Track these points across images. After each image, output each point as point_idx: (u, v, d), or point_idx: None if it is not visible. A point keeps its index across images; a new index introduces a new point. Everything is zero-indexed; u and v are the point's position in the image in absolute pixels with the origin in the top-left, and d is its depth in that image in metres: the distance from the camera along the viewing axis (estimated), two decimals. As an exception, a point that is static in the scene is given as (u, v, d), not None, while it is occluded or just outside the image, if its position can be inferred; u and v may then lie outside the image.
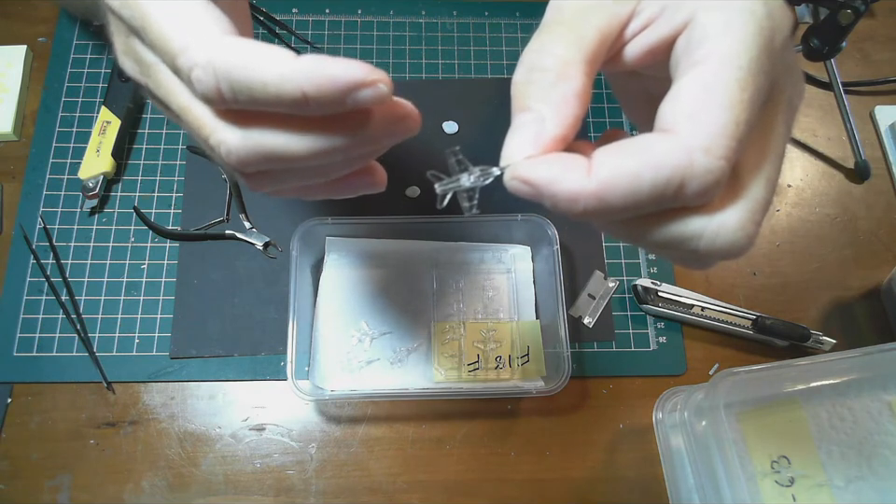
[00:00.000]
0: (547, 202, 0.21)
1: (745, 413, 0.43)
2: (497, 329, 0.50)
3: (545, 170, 0.20)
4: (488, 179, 0.23)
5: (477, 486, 0.47)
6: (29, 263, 0.51)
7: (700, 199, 0.20)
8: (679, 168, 0.19)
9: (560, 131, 0.21)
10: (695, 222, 0.20)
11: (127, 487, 0.46)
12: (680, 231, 0.21)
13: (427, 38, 0.60)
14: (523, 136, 0.21)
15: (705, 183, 0.19)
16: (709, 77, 0.19)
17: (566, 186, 0.20)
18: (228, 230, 0.52)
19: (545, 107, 0.21)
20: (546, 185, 0.20)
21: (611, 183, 0.19)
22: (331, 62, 0.20)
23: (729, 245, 0.20)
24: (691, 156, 0.19)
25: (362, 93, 0.20)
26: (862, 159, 0.57)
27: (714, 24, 0.20)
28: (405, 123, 0.23)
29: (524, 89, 0.22)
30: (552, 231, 0.48)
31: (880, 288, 0.54)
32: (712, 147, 0.19)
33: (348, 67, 0.20)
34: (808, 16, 0.64)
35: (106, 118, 0.53)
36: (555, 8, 0.22)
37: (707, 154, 0.19)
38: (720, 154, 0.19)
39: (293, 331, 0.45)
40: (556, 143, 0.21)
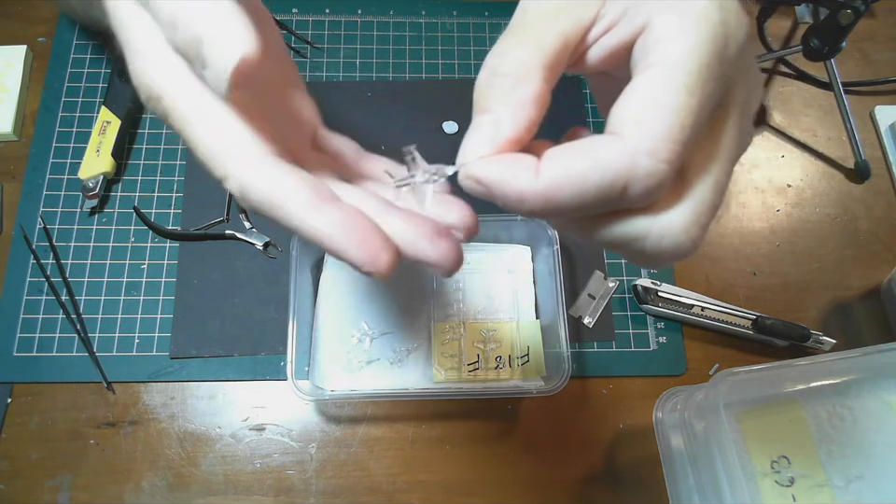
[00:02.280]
0: (498, 201, 0.21)
1: (745, 412, 0.43)
2: (497, 329, 0.50)
3: (495, 169, 0.21)
4: (442, 178, 0.23)
5: (477, 486, 0.47)
6: (29, 263, 0.51)
7: (643, 200, 0.20)
8: (622, 170, 0.19)
9: (515, 133, 0.21)
10: (641, 223, 0.21)
11: (127, 487, 0.46)
12: (626, 232, 0.21)
13: (427, 38, 0.60)
14: (479, 137, 0.22)
15: (647, 185, 0.19)
16: (658, 82, 0.20)
17: (514, 185, 0.20)
18: (228, 230, 0.52)
19: (502, 110, 0.22)
20: (496, 184, 0.21)
21: (557, 184, 0.20)
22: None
23: (674, 246, 0.21)
24: (634, 159, 0.19)
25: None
26: (862, 159, 0.57)
27: (668, 29, 0.20)
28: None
29: (485, 91, 0.22)
30: (552, 231, 0.48)
31: (880, 288, 0.54)
32: (656, 151, 0.19)
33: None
34: (808, 16, 0.64)
35: (106, 118, 0.53)
36: (521, 11, 0.23)
37: (650, 157, 0.19)
38: (663, 158, 0.19)
39: (293, 331, 0.45)
40: (511, 144, 0.21)
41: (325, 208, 0.21)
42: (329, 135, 0.29)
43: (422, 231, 0.23)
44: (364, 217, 0.22)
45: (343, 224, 0.21)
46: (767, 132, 0.60)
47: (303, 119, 0.28)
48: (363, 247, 0.21)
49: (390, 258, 0.22)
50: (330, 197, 0.22)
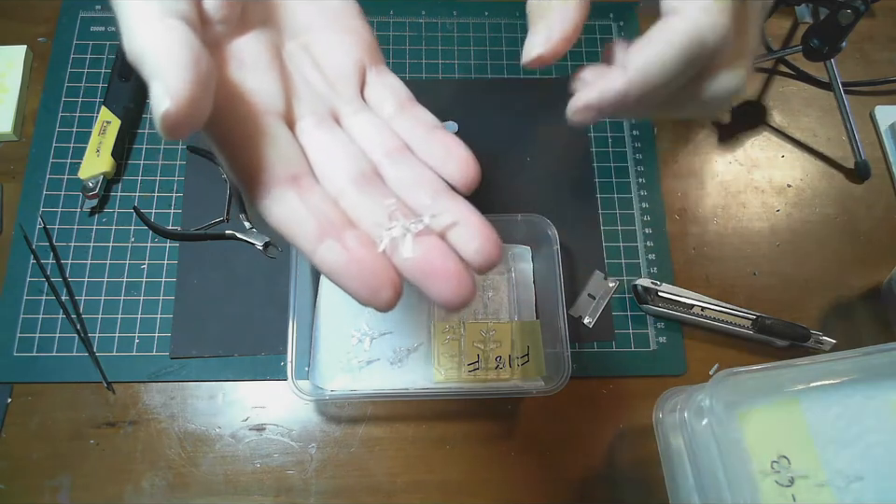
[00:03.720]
0: (608, 110, 0.27)
1: (745, 413, 0.43)
2: (496, 329, 0.50)
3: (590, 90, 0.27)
4: (421, 226, 0.23)
5: (477, 486, 0.47)
6: (29, 263, 0.51)
7: (721, 47, 0.26)
8: (695, 31, 0.25)
9: (564, 34, 0.27)
10: (724, 77, 0.28)
11: (127, 487, 0.46)
12: (719, 85, 0.28)
13: (427, 38, 0.60)
14: (536, 38, 0.27)
15: (722, 31, 0.25)
16: None
17: (613, 86, 0.26)
18: (228, 230, 0.52)
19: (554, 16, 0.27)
20: (600, 97, 0.27)
21: (646, 66, 0.26)
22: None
23: (742, 84, 0.28)
24: (700, 20, 0.25)
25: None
26: (862, 159, 0.57)
27: None
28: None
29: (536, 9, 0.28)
30: (552, 231, 0.48)
31: (880, 288, 0.54)
32: (710, 9, 0.25)
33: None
34: (808, 16, 0.64)
35: (106, 118, 0.53)
36: None
37: (708, 14, 0.25)
38: (717, 11, 0.25)
39: (293, 331, 0.45)
40: (562, 43, 0.27)
41: (328, 245, 0.23)
42: (378, 76, 0.29)
43: (433, 267, 0.23)
44: (370, 250, 0.23)
45: (345, 262, 0.23)
46: (767, 132, 0.60)
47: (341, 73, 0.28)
48: (364, 285, 0.23)
49: (391, 295, 0.23)
50: (339, 229, 0.23)
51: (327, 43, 0.28)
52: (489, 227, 0.24)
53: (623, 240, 0.54)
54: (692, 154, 0.58)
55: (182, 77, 0.20)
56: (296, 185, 0.24)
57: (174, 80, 0.20)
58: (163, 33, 0.21)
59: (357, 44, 0.28)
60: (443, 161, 0.26)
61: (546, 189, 0.56)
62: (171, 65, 0.20)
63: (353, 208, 0.25)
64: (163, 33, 0.21)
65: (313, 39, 0.28)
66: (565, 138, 0.58)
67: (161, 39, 0.21)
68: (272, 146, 0.24)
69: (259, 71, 0.26)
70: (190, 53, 0.21)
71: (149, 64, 0.21)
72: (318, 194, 0.24)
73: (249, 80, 0.25)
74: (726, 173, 0.58)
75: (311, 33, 0.28)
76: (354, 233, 0.23)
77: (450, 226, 0.24)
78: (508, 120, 0.58)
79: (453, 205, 0.25)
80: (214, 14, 0.24)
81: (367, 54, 0.28)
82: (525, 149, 0.57)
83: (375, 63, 0.29)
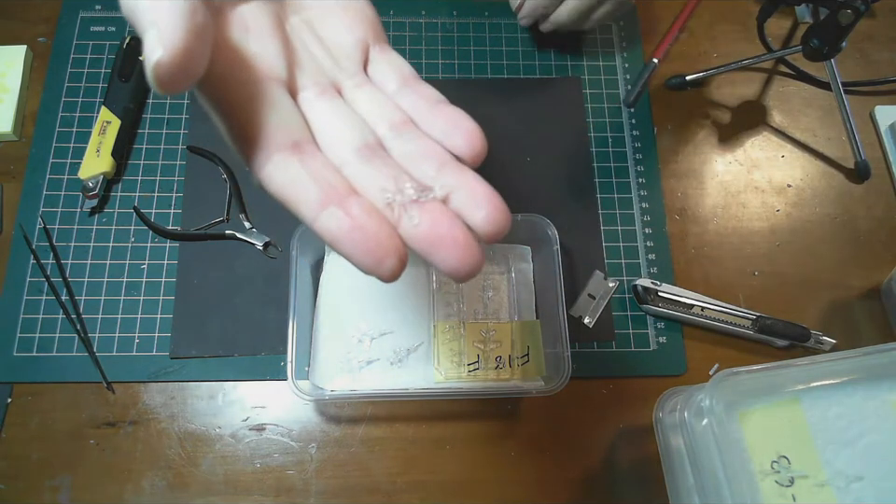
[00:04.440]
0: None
1: (745, 413, 0.43)
2: (496, 329, 0.50)
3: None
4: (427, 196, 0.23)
5: (477, 486, 0.47)
6: (29, 263, 0.51)
7: None
8: None
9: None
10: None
11: (127, 487, 0.46)
12: None
13: (427, 38, 0.60)
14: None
15: None
16: None
17: None
18: (228, 230, 0.52)
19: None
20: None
21: None
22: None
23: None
24: None
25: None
26: (862, 159, 0.57)
27: None
28: None
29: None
30: (552, 231, 0.48)
31: (880, 288, 0.54)
32: None
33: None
34: (808, 16, 0.64)
35: (106, 118, 0.53)
36: None
37: None
38: None
39: (293, 331, 0.45)
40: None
41: (331, 210, 0.22)
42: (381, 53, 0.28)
43: (441, 235, 0.22)
44: (374, 218, 0.22)
45: (348, 229, 0.22)
46: (767, 132, 0.60)
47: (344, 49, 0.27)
48: (368, 253, 0.22)
49: (395, 264, 0.22)
50: (343, 196, 0.23)
51: (330, 19, 0.28)
52: (496, 195, 0.24)
53: (623, 240, 0.54)
54: (692, 154, 0.58)
55: (177, 24, 0.19)
56: (298, 151, 0.23)
57: (167, 28, 0.19)
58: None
59: (360, 21, 0.28)
60: (449, 134, 0.26)
61: (546, 189, 0.56)
62: (165, 13, 0.19)
63: (356, 178, 0.24)
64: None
65: (316, 15, 0.28)
66: (565, 138, 0.58)
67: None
68: (273, 111, 0.23)
69: (262, 37, 0.25)
70: (186, 5, 0.20)
71: (143, 14, 0.20)
72: (321, 161, 0.24)
73: (252, 45, 0.25)
74: (726, 173, 0.58)
75: (314, 8, 0.28)
76: (357, 200, 0.23)
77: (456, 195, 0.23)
78: (508, 120, 0.58)
79: (459, 175, 0.24)
80: None
81: (370, 32, 0.28)
82: (524, 149, 0.57)
83: (378, 41, 0.29)
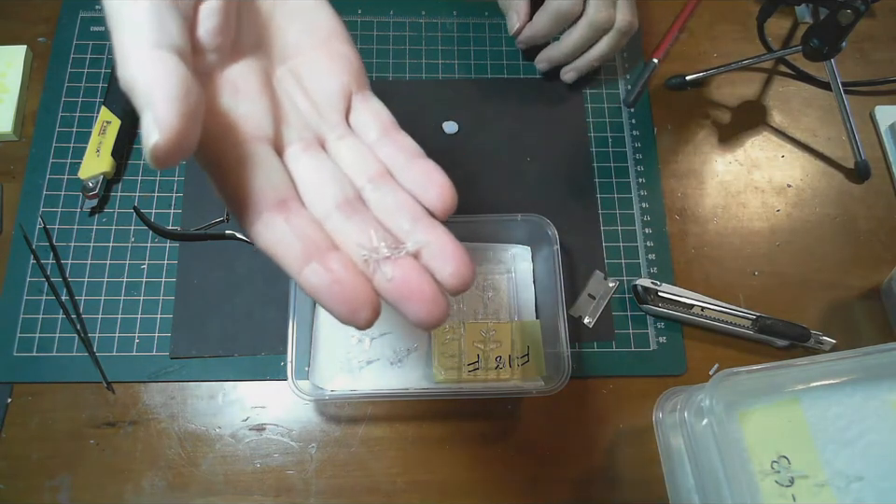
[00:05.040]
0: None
1: (745, 413, 0.43)
2: (496, 329, 0.50)
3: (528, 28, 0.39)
4: (401, 253, 0.25)
5: (477, 486, 0.47)
6: (29, 263, 0.51)
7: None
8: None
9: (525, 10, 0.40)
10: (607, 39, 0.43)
11: (127, 487, 0.46)
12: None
13: (427, 38, 0.60)
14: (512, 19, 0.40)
15: None
16: None
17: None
18: (228, 230, 0.52)
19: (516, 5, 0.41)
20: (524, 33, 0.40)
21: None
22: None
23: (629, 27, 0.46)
24: None
25: None
26: (862, 159, 0.57)
27: None
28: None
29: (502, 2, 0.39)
30: (552, 231, 0.48)
31: (880, 288, 0.54)
32: None
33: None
34: (808, 16, 0.64)
35: (106, 118, 0.53)
36: None
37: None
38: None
39: (293, 331, 0.45)
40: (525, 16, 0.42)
41: (312, 268, 0.24)
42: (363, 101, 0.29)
43: (410, 290, 0.24)
44: (350, 272, 0.24)
45: (328, 284, 0.24)
46: (767, 132, 0.60)
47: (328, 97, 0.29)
48: (345, 305, 0.24)
49: (370, 315, 0.24)
50: (323, 251, 0.25)
51: (315, 67, 0.29)
52: (463, 251, 0.26)
53: (623, 240, 0.54)
54: (692, 154, 0.58)
55: (171, 109, 0.21)
56: (283, 209, 0.25)
57: (162, 113, 0.21)
58: (155, 64, 0.21)
59: (344, 69, 0.29)
60: (423, 188, 0.27)
61: (546, 189, 0.56)
62: (161, 98, 0.21)
63: (337, 232, 0.26)
64: (155, 64, 0.21)
65: (301, 62, 0.29)
66: (565, 138, 0.58)
67: (153, 71, 0.21)
68: (261, 172, 0.25)
69: (250, 98, 0.26)
70: (180, 86, 0.21)
71: (140, 95, 0.21)
72: (304, 218, 0.25)
73: (241, 107, 0.26)
74: (726, 173, 0.58)
75: (300, 56, 0.29)
76: (337, 256, 0.25)
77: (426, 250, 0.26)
78: (508, 120, 0.58)
79: (431, 231, 0.26)
80: (208, 44, 0.25)
81: (353, 79, 0.29)
82: (524, 149, 0.57)
83: (361, 88, 0.29)
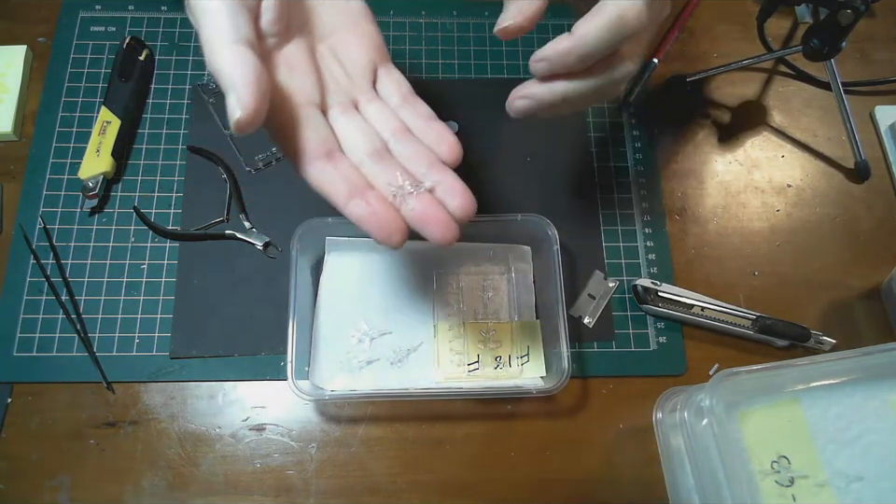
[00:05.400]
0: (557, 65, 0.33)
1: (745, 413, 0.43)
2: (497, 329, 0.50)
3: (546, 49, 0.33)
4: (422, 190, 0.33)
5: (477, 486, 0.47)
6: (29, 263, 0.51)
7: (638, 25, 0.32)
8: (621, 10, 0.31)
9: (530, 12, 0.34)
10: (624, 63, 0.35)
11: (127, 487, 0.46)
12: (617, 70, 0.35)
13: (427, 38, 0.60)
14: (508, 13, 0.34)
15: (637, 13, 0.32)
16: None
17: (561, 45, 0.33)
18: (228, 230, 0.52)
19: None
20: (551, 53, 0.33)
21: (585, 31, 0.32)
22: None
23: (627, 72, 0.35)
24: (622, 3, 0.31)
25: None
26: (862, 159, 0.57)
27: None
28: None
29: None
30: (552, 231, 0.48)
31: (880, 288, 0.54)
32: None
33: None
34: (808, 16, 0.64)
35: (106, 118, 0.53)
36: None
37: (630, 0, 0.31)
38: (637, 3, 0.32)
39: (293, 331, 0.45)
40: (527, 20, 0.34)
41: (356, 202, 0.32)
42: (387, 73, 0.37)
43: (429, 217, 0.32)
44: (384, 205, 0.32)
45: (368, 214, 0.31)
46: (767, 132, 0.60)
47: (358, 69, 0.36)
48: (381, 230, 0.31)
49: (400, 238, 0.32)
50: (362, 189, 0.32)
51: (348, 44, 0.37)
52: (466, 189, 0.33)
53: (623, 240, 0.54)
54: (692, 154, 0.58)
55: (249, 92, 0.28)
56: (331, 158, 0.33)
57: (243, 95, 0.28)
58: (235, 57, 0.29)
59: (370, 46, 0.37)
60: (437, 144, 0.35)
61: (546, 189, 0.56)
62: (241, 84, 0.28)
63: (370, 175, 0.33)
64: (235, 57, 0.29)
65: (337, 41, 0.36)
66: (565, 138, 0.58)
67: (233, 62, 0.29)
68: (313, 130, 0.33)
69: (301, 73, 0.34)
70: (254, 73, 0.28)
71: (225, 81, 0.28)
72: (346, 164, 0.33)
73: (295, 81, 0.33)
74: (726, 173, 0.58)
75: (335, 35, 0.36)
76: (373, 193, 0.32)
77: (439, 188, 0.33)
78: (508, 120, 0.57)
79: (442, 173, 0.33)
80: (268, 30, 0.33)
81: (378, 54, 0.37)
82: (524, 149, 0.57)
83: (384, 61, 0.38)
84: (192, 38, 0.59)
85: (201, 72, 0.58)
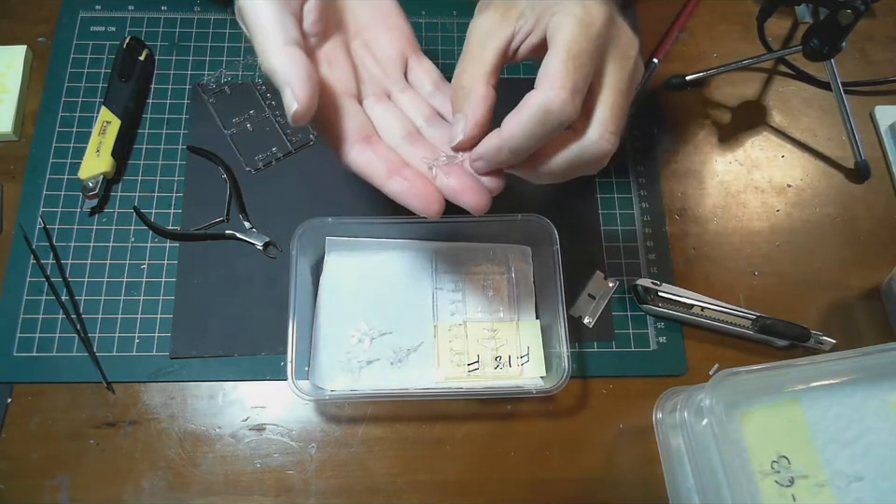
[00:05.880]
0: (493, 161, 0.34)
1: (745, 412, 0.43)
2: (497, 329, 0.50)
3: (481, 147, 0.34)
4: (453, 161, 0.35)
5: (477, 486, 0.47)
6: (29, 263, 0.51)
7: (564, 116, 0.31)
8: (543, 103, 0.31)
9: (475, 121, 0.34)
10: (574, 145, 0.34)
11: (127, 487, 0.46)
12: (568, 153, 0.34)
13: (427, 38, 0.60)
14: (457, 127, 0.35)
15: (561, 104, 0.31)
16: (554, 57, 0.32)
17: (492, 143, 0.33)
18: (228, 230, 0.52)
19: (467, 109, 0.35)
20: (485, 151, 0.34)
21: (511, 129, 0.32)
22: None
23: (597, 150, 0.33)
24: (547, 94, 0.31)
25: None
26: (862, 159, 0.57)
27: (555, 27, 0.32)
28: None
29: (454, 99, 0.36)
30: (552, 231, 0.48)
31: (880, 288, 0.54)
32: (557, 87, 0.31)
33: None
34: (808, 16, 0.64)
35: (106, 118, 0.53)
36: (466, 40, 0.36)
37: (556, 90, 0.31)
38: (563, 87, 0.31)
39: (293, 331, 0.45)
40: (475, 128, 0.34)
41: (395, 179, 0.34)
42: (418, 63, 0.40)
43: (463, 187, 0.34)
44: (422, 179, 0.34)
45: (407, 189, 0.34)
46: (767, 132, 0.60)
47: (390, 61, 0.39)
48: (420, 202, 0.34)
49: (438, 208, 0.34)
50: (399, 167, 0.35)
51: (380, 38, 0.39)
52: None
53: (623, 240, 0.54)
54: (692, 154, 0.58)
55: (303, 87, 0.31)
56: (369, 142, 0.35)
57: (298, 90, 0.31)
58: (287, 57, 0.31)
59: (401, 38, 0.39)
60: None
61: (546, 189, 0.55)
62: (295, 80, 0.31)
63: (406, 155, 0.36)
64: (287, 57, 0.31)
65: (370, 36, 0.39)
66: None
67: (287, 62, 0.31)
68: (351, 117, 0.35)
69: (340, 67, 0.37)
70: (305, 70, 0.31)
71: (280, 79, 0.31)
72: (383, 147, 0.36)
73: (335, 74, 0.36)
74: (726, 173, 0.58)
75: (368, 31, 0.39)
76: (410, 170, 0.35)
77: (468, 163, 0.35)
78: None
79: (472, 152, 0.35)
80: (310, 31, 0.35)
81: (408, 46, 0.40)
82: (524, 149, 0.57)
83: (415, 51, 0.40)
84: (192, 38, 0.59)
85: (201, 72, 0.58)
